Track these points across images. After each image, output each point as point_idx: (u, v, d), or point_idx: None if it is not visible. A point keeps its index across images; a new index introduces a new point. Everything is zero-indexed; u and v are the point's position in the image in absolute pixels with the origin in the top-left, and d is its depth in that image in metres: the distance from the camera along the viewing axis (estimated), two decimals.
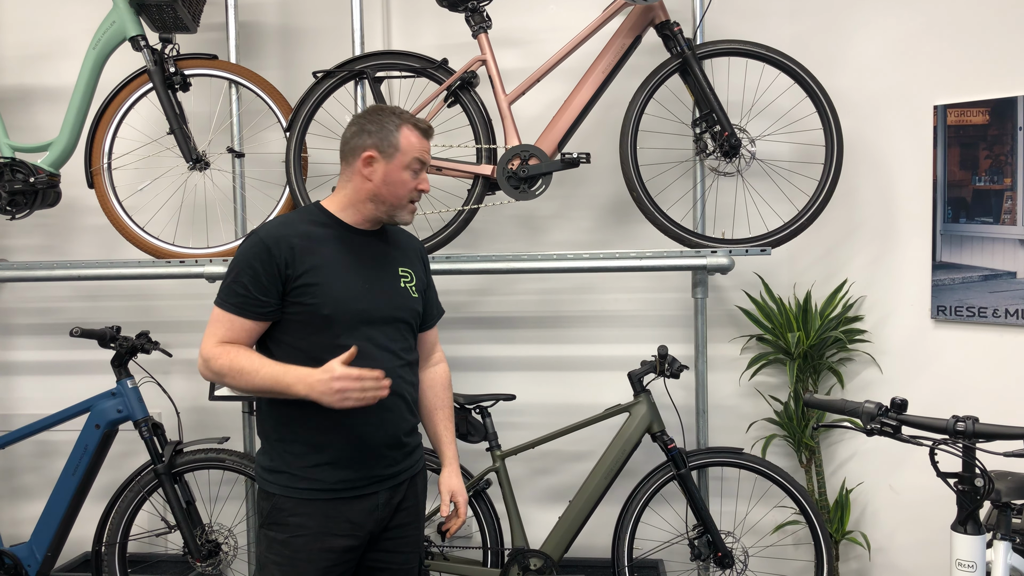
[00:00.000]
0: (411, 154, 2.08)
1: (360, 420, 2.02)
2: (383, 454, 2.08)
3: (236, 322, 2.01)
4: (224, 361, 1.98)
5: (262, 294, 2.00)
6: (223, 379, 2.00)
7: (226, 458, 3.16)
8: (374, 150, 2.07)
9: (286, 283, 2.01)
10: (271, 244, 2.01)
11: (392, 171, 2.07)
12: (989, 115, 2.97)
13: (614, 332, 3.58)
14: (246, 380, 1.97)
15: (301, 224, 2.08)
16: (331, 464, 2.03)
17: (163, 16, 3.27)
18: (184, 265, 3.25)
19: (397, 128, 2.08)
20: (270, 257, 1.99)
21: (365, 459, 2.06)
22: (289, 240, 2.02)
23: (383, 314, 2.10)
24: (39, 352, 3.86)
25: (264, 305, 2.01)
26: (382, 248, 2.18)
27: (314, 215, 2.13)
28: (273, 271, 2.00)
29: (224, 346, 2.00)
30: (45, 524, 3.19)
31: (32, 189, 3.32)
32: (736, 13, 3.41)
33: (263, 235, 2.03)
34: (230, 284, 2.02)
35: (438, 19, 3.54)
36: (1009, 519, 2.11)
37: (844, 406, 2.05)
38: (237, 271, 2.02)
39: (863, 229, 3.35)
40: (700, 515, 2.99)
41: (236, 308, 2.01)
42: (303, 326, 2.03)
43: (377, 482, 2.09)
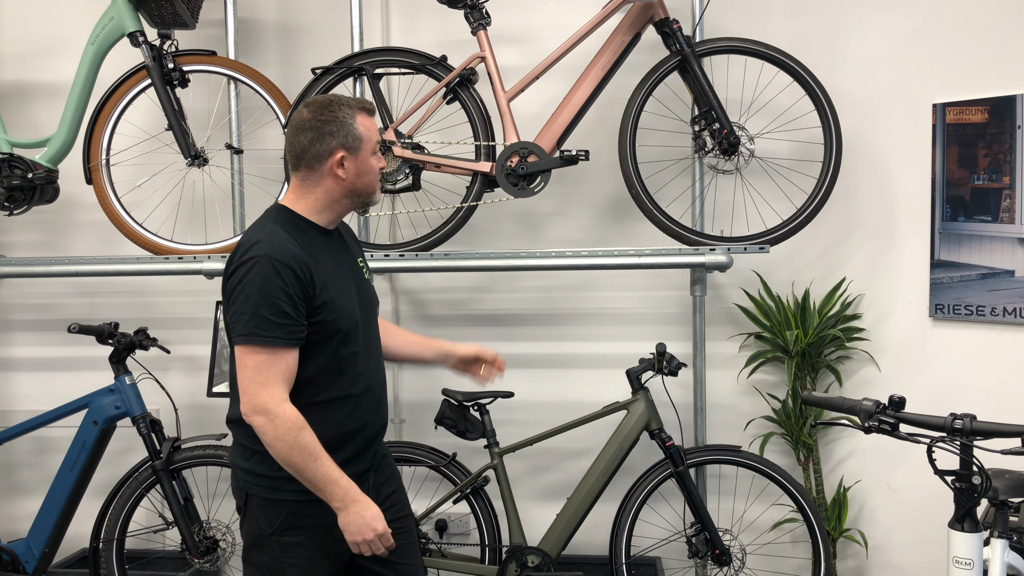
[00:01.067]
0: (372, 139, 2.05)
1: (369, 417, 2.09)
2: (376, 442, 2.16)
3: (287, 358, 1.91)
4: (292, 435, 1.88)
5: (299, 317, 1.92)
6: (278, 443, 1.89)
7: (224, 455, 3.16)
8: (342, 150, 2.01)
9: (310, 302, 1.95)
10: (293, 264, 1.91)
11: (362, 162, 2.04)
12: (988, 114, 2.97)
13: (612, 330, 3.58)
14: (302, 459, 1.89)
15: (295, 235, 1.98)
16: (344, 463, 1.99)
17: (162, 12, 3.26)
18: (182, 261, 3.25)
19: (353, 119, 2.02)
20: (296, 278, 1.91)
21: (366, 450, 2.11)
22: (302, 258, 1.94)
23: (369, 312, 2.16)
24: (37, 348, 3.86)
25: (303, 328, 1.94)
26: (343, 244, 2.17)
27: (293, 222, 2.03)
28: (301, 292, 1.92)
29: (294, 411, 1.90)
30: (43, 520, 3.19)
31: (30, 185, 3.31)
32: (735, 11, 3.41)
33: (279, 256, 1.91)
34: (267, 317, 1.87)
35: (437, 16, 3.54)
36: (1006, 517, 2.11)
37: (842, 404, 2.05)
38: (271, 300, 1.88)
39: (862, 227, 3.35)
40: (698, 513, 3.00)
41: (285, 340, 1.90)
42: (321, 344, 1.98)
43: (370, 469, 2.14)
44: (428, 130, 3.30)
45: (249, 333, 1.88)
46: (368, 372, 2.09)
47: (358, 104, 2.06)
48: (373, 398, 2.11)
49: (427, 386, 3.45)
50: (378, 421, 2.15)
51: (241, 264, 1.92)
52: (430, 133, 3.29)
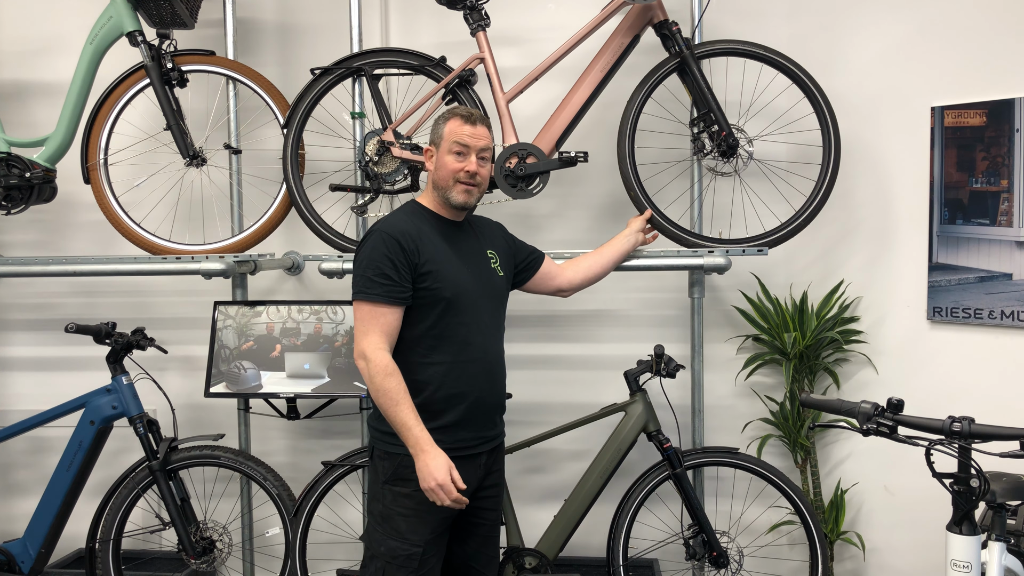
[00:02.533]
0: (451, 138, 2.35)
1: (478, 387, 2.34)
2: (491, 417, 2.41)
3: (386, 313, 2.24)
4: (379, 378, 2.20)
5: (402, 279, 2.24)
6: (370, 384, 2.23)
7: (221, 455, 3.15)
8: (431, 145, 2.42)
9: (414, 270, 2.26)
10: (398, 236, 2.26)
11: (440, 157, 2.38)
12: (986, 117, 2.98)
13: (610, 331, 3.58)
14: (385, 402, 2.20)
15: (412, 218, 2.34)
16: (452, 426, 2.30)
17: (160, 12, 3.26)
18: (180, 262, 3.24)
19: (445, 121, 2.38)
20: (401, 248, 2.24)
21: (477, 422, 2.35)
22: (410, 233, 2.28)
23: (487, 293, 2.40)
24: (34, 348, 3.85)
25: (405, 290, 2.25)
26: (469, 235, 2.46)
27: (416, 211, 2.39)
28: (404, 260, 2.24)
29: (386, 358, 2.23)
30: (39, 520, 3.18)
31: (28, 184, 3.31)
32: (734, 13, 3.41)
33: (389, 230, 2.27)
34: (371, 278, 2.23)
35: (436, 17, 3.54)
36: (1004, 520, 2.11)
37: (840, 406, 2.05)
38: (375, 264, 2.24)
39: (860, 230, 3.35)
40: (695, 515, 2.99)
41: (384, 297, 2.23)
42: (428, 308, 2.29)
43: (483, 443, 2.38)
44: (427, 131, 3.29)
45: (357, 291, 2.27)
46: (478, 345, 2.34)
47: (458, 111, 2.40)
48: (483, 370, 2.35)
49: None
50: (492, 395, 2.40)
51: (362, 240, 2.32)
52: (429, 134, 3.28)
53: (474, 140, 2.35)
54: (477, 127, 2.37)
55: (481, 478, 2.41)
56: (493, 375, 2.41)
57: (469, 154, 2.35)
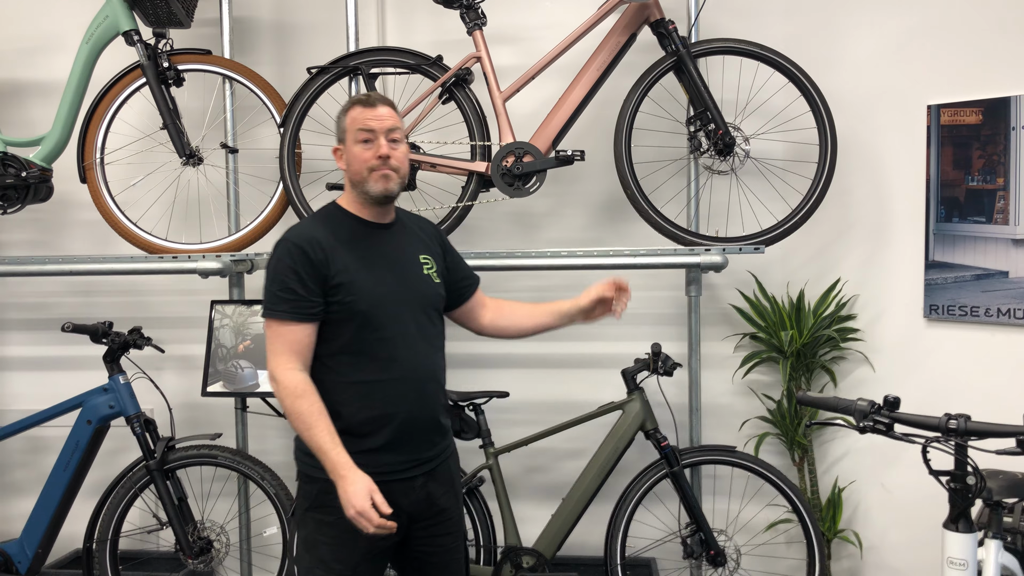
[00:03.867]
0: (354, 127, 2.15)
1: (404, 406, 2.13)
2: (424, 438, 2.18)
3: (295, 330, 2.08)
4: (288, 401, 2.05)
5: (310, 295, 2.07)
6: (282, 407, 2.08)
7: (218, 455, 3.15)
8: (337, 143, 2.23)
9: (325, 282, 2.08)
10: (305, 245, 2.08)
11: (349, 151, 2.17)
12: (982, 115, 2.98)
13: (608, 330, 3.57)
14: (298, 425, 2.05)
15: (325, 225, 2.17)
16: (379, 450, 2.11)
17: (157, 11, 3.25)
18: (177, 261, 3.24)
19: (344, 113, 2.20)
20: (308, 259, 2.07)
21: (409, 443, 2.15)
22: (319, 240, 2.10)
23: (414, 303, 2.19)
24: (31, 347, 3.84)
25: (314, 305, 2.08)
26: (398, 239, 2.25)
27: (333, 215, 2.22)
28: (313, 272, 2.07)
29: (295, 378, 2.06)
30: (36, 520, 3.18)
31: (24, 184, 3.30)
32: (731, 12, 3.41)
33: (294, 239, 2.11)
34: (277, 293, 2.08)
35: (433, 16, 3.54)
36: (1000, 517, 2.11)
37: (837, 404, 2.05)
38: (280, 278, 2.08)
39: (856, 228, 3.35)
40: (693, 513, 3.00)
41: (290, 314, 2.07)
42: (344, 323, 2.10)
43: (418, 465, 2.17)
44: (424, 130, 3.30)
45: (264, 308, 2.12)
46: (404, 361, 2.14)
47: (354, 98, 2.22)
48: (412, 388, 2.14)
49: None
50: (424, 414, 2.17)
51: (272, 250, 2.15)
52: (426, 133, 3.29)
53: (378, 122, 2.14)
54: (378, 108, 2.16)
55: (423, 502, 2.18)
56: (424, 392, 2.17)
57: (376, 138, 2.14)
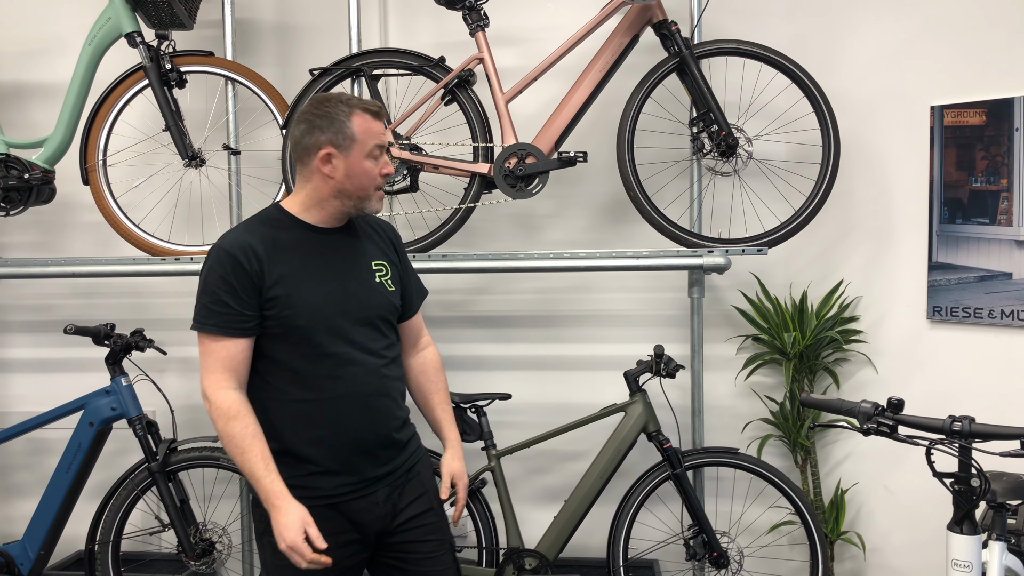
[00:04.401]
0: (370, 142, 1.98)
1: (351, 426, 1.99)
2: (376, 454, 2.04)
3: (227, 346, 1.92)
4: (221, 423, 1.91)
5: (244, 308, 1.92)
6: (221, 432, 1.93)
7: (220, 456, 3.15)
8: (330, 146, 1.97)
9: (259, 294, 1.93)
10: (238, 254, 1.92)
11: (353, 164, 1.98)
12: (986, 116, 2.98)
13: (610, 331, 3.58)
14: (230, 450, 1.91)
15: (263, 230, 1.99)
16: (325, 472, 1.99)
17: (159, 12, 3.26)
18: (179, 263, 3.24)
19: (348, 117, 1.97)
20: (241, 268, 1.91)
21: (359, 462, 2.02)
22: (255, 248, 1.94)
23: (361, 315, 2.02)
24: (33, 349, 3.84)
25: (247, 319, 1.93)
26: (351, 244, 2.08)
27: (275, 219, 2.03)
28: (246, 282, 1.92)
29: (228, 398, 1.92)
30: (38, 522, 3.17)
31: (27, 185, 3.30)
32: (734, 13, 3.41)
33: (227, 247, 1.94)
34: (207, 304, 1.92)
35: (435, 17, 3.54)
36: (1004, 519, 2.11)
37: (840, 406, 2.04)
38: (211, 289, 1.92)
39: (859, 229, 3.35)
40: (695, 515, 2.99)
41: (220, 328, 1.92)
42: (282, 339, 1.96)
43: (374, 482, 2.04)
44: (426, 131, 3.30)
45: (194, 321, 1.96)
46: (349, 378, 1.99)
47: (361, 104, 2.00)
48: (358, 406, 2.00)
49: None
50: (372, 433, 2.03)
51: (205, 257, 1.99)
52: (428, 134, 3.29)
53: (385, 139, 2.03)
54: (383, 121, 2.03)
55: (388, 516, 2.07)
56: (372, 409, 2.01)
57: (383, 155, 2.02)
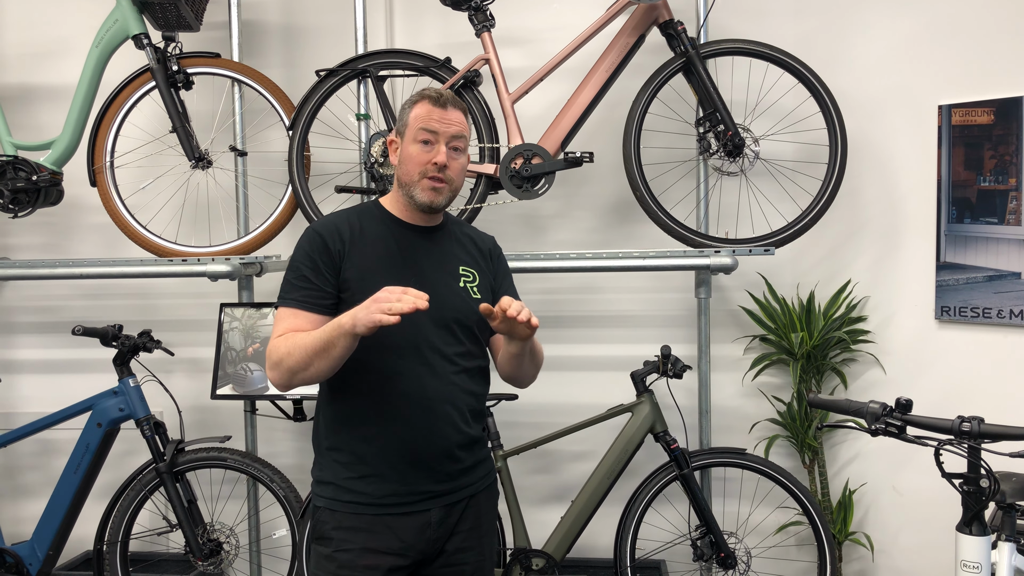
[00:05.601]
0: (418, 124, 1.96)
1: (408, 429, 1.91)
2: (433, 467, 1.94)
3: (301, 316, 1.91)
4: (283, 346, 1.85)
5: (324, 283, 1.92)
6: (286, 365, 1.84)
7: (228, 457, 3.15)
8: (394, 134, 2.04)
9: (339, 275, 1.94)
10: (325, 235, 1.95)
11: (405, 148, 1.98)
12: (994, 115, 2.96)
13: (617, 332, 3.57)
14: (305, 347, 1.81)
15: (355, 218, 2.01)
16: (377, 476, 1.92)
17: (166, 14, 3.27)
18: (186, 264, 3.25)
19: (411, 105, 2.00)
20: (326, 247, 1.93)
21: (413, 471, 1.93)
22: (343, 232, 1.96)
23: (436, 315, 1.93)
24: (41, 351, 3.86)
25: (328, 296, 1.92)
26: (441, 246, 2.05)
27: (370, 211, 2.05)
28: (329, 261, 1.93)
29: (283, 335, 1.89)
30: (47, 522, 3.19)
31: (34, 187, 3.32)
32: (740, 12, 3.40)
33: (317, 227, 1.98)
34: (291, 280, 1.94)
35: (441, 18, 3.54)
36: (1014, 520, 2.10)
37: (848, 406, 2.04)
38: (296, 266, 1.94)
39: (867, 229, 3.34)
40: (703, 515, 2.99)
41: (300, 302, 1.91)
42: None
43: (428, 499, 1.94)
44: None
45: (278, 298, 1.96)
46: (411, 379, 1.91)
47: (426, 91, 2.00)
48: (418, 411, 1.91)
49: None
50: (431, 443, 1.93)
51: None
52: None
53: (444, 125, 1.95)
54: (448, 110, 1.96)
55: (438, 539, 1.96)
56: (433, 415, 1.92)
57: (438, 142, 1.95)
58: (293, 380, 1.86)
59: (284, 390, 1.92)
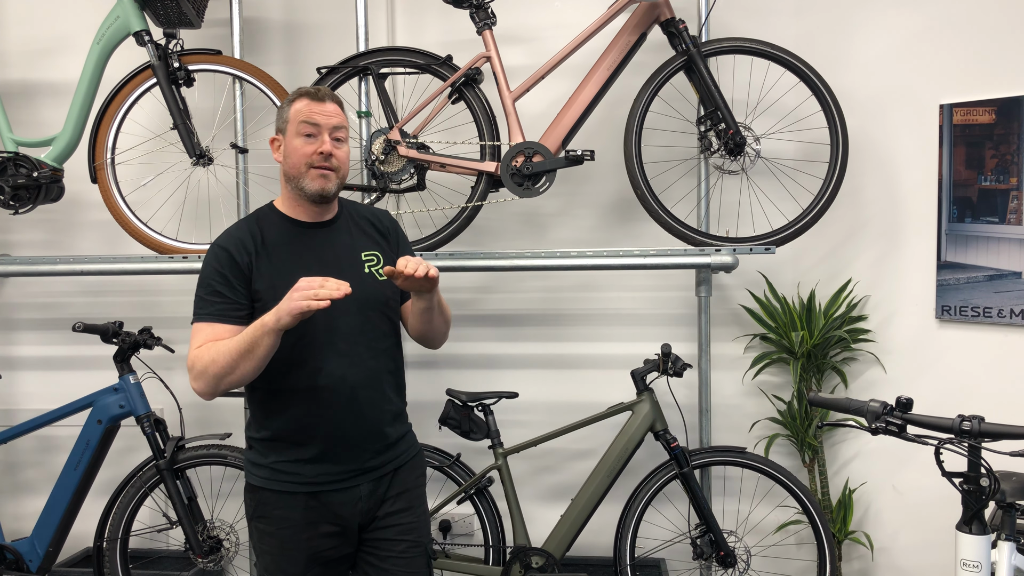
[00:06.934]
0: (297, 119, 2.07)
1: (336, 415, 2.04)
2: (364, 447, 2.09)
3: (217, 327, 2.00)
4: (205, 355, 1.94)
5: (238, 296, 2.01)
6: (211, 372, 1.93)
7: (228, 454, 3.16)
8: (276, 132, 2.14)
9: (249, 286, 2.03)
10: (231, 249, 2.03)
11: (288, 143, 2.09)
12: (995, 114, 2.96)
13: (617, 330, 3.57)
14: (229, 352, 1.90)
15: (255, 227, 2.10)
16: (311, 460, 2.05)
17: (167, 11, 3.27)
18: (187, 261, 3.25)
19: (289, 104, 2.11)
20: (233, 261, 2.02)
21: (346, 453, 2.07)
22: (246, 244, 2.05)
23: (350, 305, 2.01)
24: (41, 347, 3.86)
25: (241, 308, 2.02)
26: (336, 237, 2.14)
27: (267, 216, 2.14)
28: (238, 273, 2.02)
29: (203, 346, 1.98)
30: (47, 519, 3.19)
31: (35, 184, 3.32)
32: (741, 11, 3.40)
33: (221, 243, 2.06)
34: (204, 297, 2.02)
35: (443, 15, 3.54)
36: (1014, 519, 2.10)
37: (849, 405, 2.04)
38: (207, 282, 2.03)
39: (868, 228, 3.34)
40: (703, 514, 2.99)
41: (215, 316, 2.00)
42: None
43: (359, 474, 2.09)
44: (433, 130, 3.30)
45: (194, 314, 2.04)
46: (334, 368, 2.03)
47: (301, 90, 2.11)
48: (343, 399, 2.04)
49: (431, 386, 3.45)
50: (356, 427, 2.06)
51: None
52: (435, 133, 3.29)
53: (324, 118, 2.06)
54: (326, 104, 2.07)
55: (369, 510, 2.11)
56: (356, 404, 2.05)
57: (320, 134, 2.05)
58: (220, 385, 1.96)
59: (210, 398, 2.01)
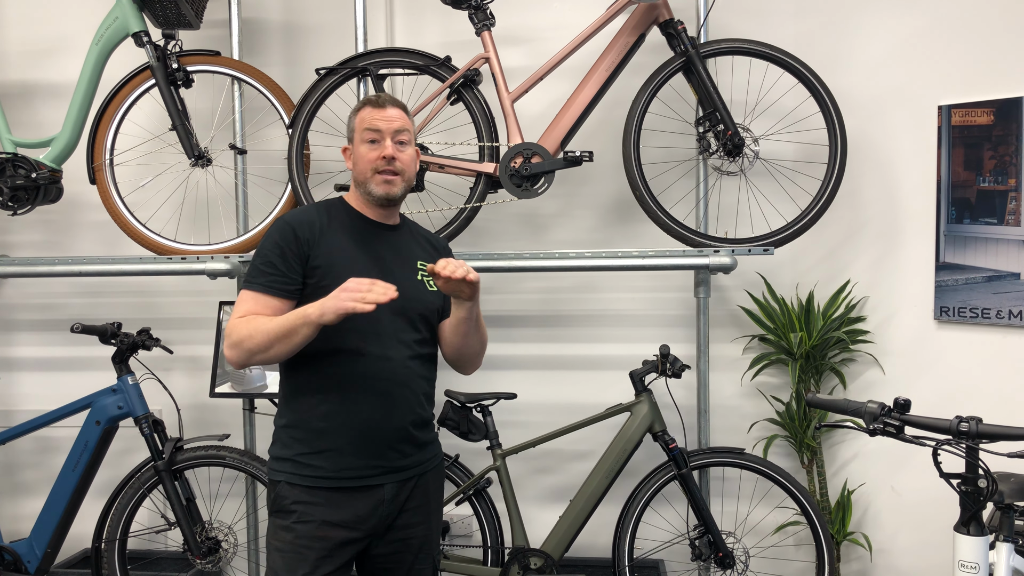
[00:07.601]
0: (362, 127, 2.16)
1: (368, 408, 2.06)
2: (390, 444, 2.09)
3: (262, 299, 2.04)
4: (244, 328, 1.98)
5: (289, 270, 2.05)
6: (246, 346, 1.97)
7: (226, 455, 3.15)
8: (347, 142, 2.24)
9: (306, 262, 2.07)
10: (296, 225, 2.09)
11: (356, 150, 2.18)
12: (994, 115, 2.96)
13: (616, 331, 3.57)
14: (267, 332, 1.95)
15: (324, 211, 2.17)
16: (335, 451, 2.05)
17: (166, 12, 3.27)
18: (186, 262, 3.25)
19: (355, 113, 2.21)
20: (295, 236, 2.07)
21: (371, 448, 2.07)
22: (313, 224, 2.11)
23: (397, 305, 2.01)
24: (40, 348, 3.86)
25: (291, 282, 2.06)
26: (400, 242, 2.23)
27: (336, 207, 2.22)
28: (297, 249, 2.06)
29: (245, 317, 2.02)
30: (45, 520, 3.19)
31: (34, 185, 3.32)
32: (740, 12, 3.40)
33: (288, 218, 2.12)
34: (257, 266, 2.07)
35: (441, 17, 3.54)
36: (1012, 521, 2.10)
37: (847, 406, 2.04)
38: (264, 253, 2.07)
39: (866, 229, 3.34)
40: (701, 515, 2.99)
41: (263, 287, 2.05)
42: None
43: (383, 473, 2.08)
44: (432, 131, 3.30)
45: (245, 282, 2.09)
46: (373, 359, 2.06)
47: (366, 98, 2.23)
48: (376, 390, 2.06)
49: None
50: (387, 422, 2.07)
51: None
52: (434, 134, 3.29)
53: (386, 123, 2.14)
54: (387, 109, 2.16)
55: (389, 515, 2.11)
56: (390, 397, 2.07)
57: (383, 139, 2.13)
58: (251, 360, 2.01)
59: (239, 368, 2.07)
